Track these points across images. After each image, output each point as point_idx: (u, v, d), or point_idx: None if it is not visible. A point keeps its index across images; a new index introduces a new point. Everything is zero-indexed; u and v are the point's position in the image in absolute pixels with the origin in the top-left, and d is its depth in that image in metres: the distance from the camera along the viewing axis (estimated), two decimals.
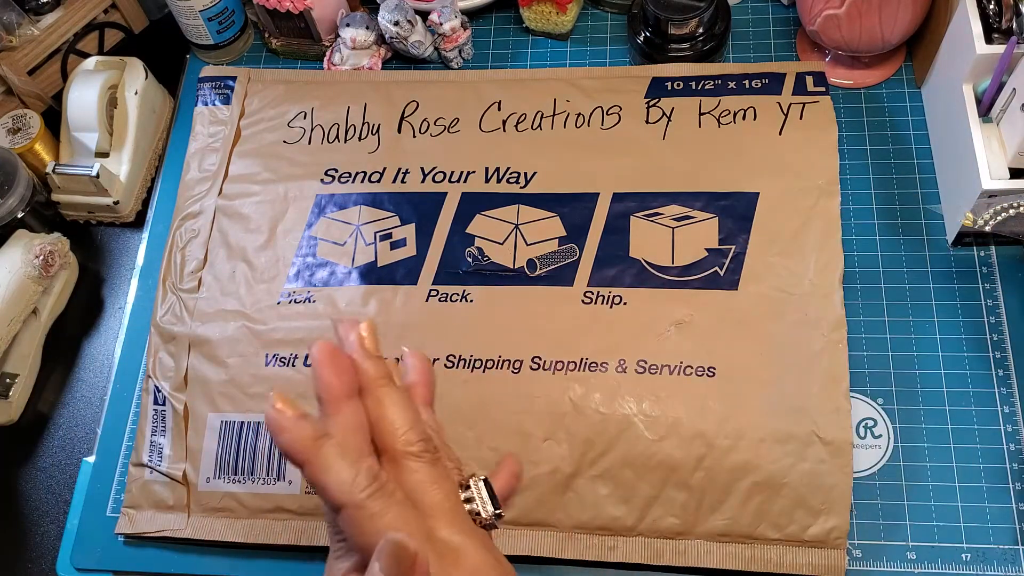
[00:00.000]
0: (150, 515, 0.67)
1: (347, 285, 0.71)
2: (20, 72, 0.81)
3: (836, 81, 0.78)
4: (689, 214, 0.70)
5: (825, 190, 0.70)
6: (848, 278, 0.70)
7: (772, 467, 0.61)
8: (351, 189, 0.75)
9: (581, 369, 0.65)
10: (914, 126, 0.76)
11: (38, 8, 0.81)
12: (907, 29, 0.73)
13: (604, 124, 0.75)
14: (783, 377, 0.64)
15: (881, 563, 0.62)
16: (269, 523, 0.66)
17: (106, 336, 0.77)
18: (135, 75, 0.81)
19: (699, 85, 0.76)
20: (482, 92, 0.78)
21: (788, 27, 0.82)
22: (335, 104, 0.79)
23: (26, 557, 0.70)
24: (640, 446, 0.63)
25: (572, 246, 0.70)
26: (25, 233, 0.76)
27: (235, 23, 0.85)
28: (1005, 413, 0.65)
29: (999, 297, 0.69)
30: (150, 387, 0.70)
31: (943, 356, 0.67)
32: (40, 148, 0.80)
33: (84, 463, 0.72)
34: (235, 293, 0.72)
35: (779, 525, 0.61)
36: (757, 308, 0.66)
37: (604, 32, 0.84)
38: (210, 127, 0.80)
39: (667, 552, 0.62)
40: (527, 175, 0.74)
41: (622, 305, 0.67)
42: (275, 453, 0.66)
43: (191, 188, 0.77)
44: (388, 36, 0.81)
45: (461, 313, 0.68)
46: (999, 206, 0.65)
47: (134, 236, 0.81)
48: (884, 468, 0.64)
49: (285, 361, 0.68)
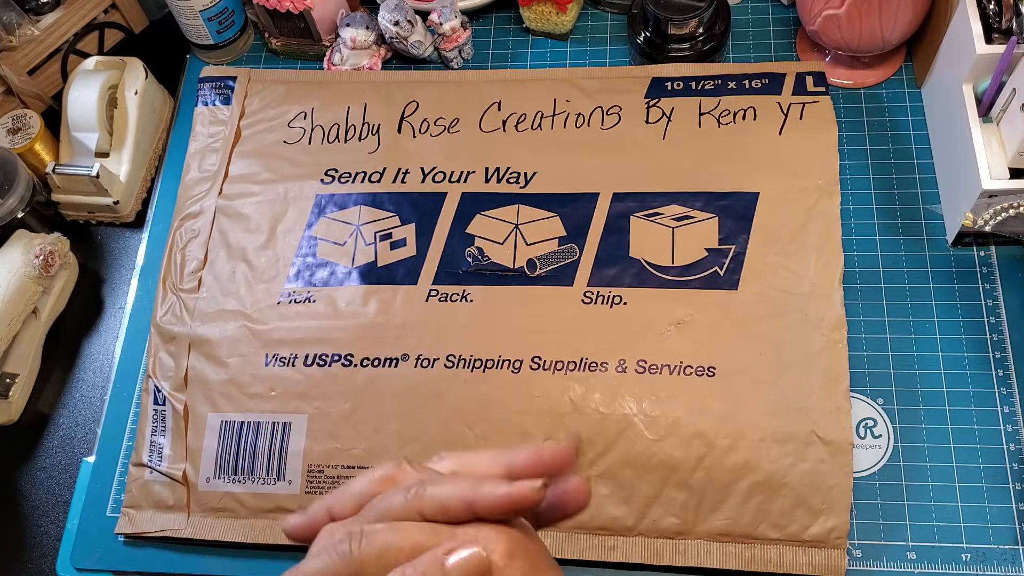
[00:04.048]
0: (150, 515, 0.67)
1: (347, 285, 0.71)
2: (20, 72, 0.81)
3: (836, 81, 0.78)
4: (689, 214, 0.70)
5: (825, 190, 0.70)
6: (848, 278, 0.70)
7: (772, 467, 0.61)
8: (351, 189, 0.75)
9: (581, 369, 0.65)
10: (914, 126, 0.76)
11: (38, 8, 0.81)
12: (907, 29, 0.73)
13: (604, 124, 0.75)
14: (783, 377, 0.64)
15: (881, 563, 0.62)
16: (269, 523, 0.66)
17: (106, 336, 0.77)
18: (135, 75, 0.81)
19: (699, 85, 0.76)
20: (482, 92, 0.78)
21: (788, 27, 0.82)
22: (335, 104, 0.79)
23: (26, 557, 0.70)
24: (640, 446, 0.63)
25: (572, 246, 0.70)
26: (25, 233, 0.76)
27: (235, 23, 0.85)
28: (1005, 413, 0.65)
29: (999, 297, 0.69)
30: (150, 387, 0.70)
31: (943, 356, 0.67)
32: (40, 148, 0.80)
33: (84, 463, 0.72)
34: (235, 293, 0.72)
35: (779, 525, 0.61)
36: (757, 308, 0.66)
37: (604, 32, 0.84)
38: (210, 127, 0.80)
39: (667, 552, 0.62)
40: (527, 175, 0.74)
41: (622, 305, 0.67)
42: (275, 453, 0.66)
43: (191, 188, 0.77)
44: (388, 36, 0.81)
45: (461, 313, 0.68)
46: (999, 206, 0.65)
47: (134, 236, 0.81)
48: (884, 468, 0.64)
49: (285, 361, 0.68)
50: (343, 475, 0.65)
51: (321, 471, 0.65)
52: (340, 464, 0.65)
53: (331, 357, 0.68)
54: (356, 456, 0.65)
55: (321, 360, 0.68)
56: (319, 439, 0.66)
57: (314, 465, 0.66)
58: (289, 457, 0.66)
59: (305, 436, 0.66)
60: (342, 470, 0.65)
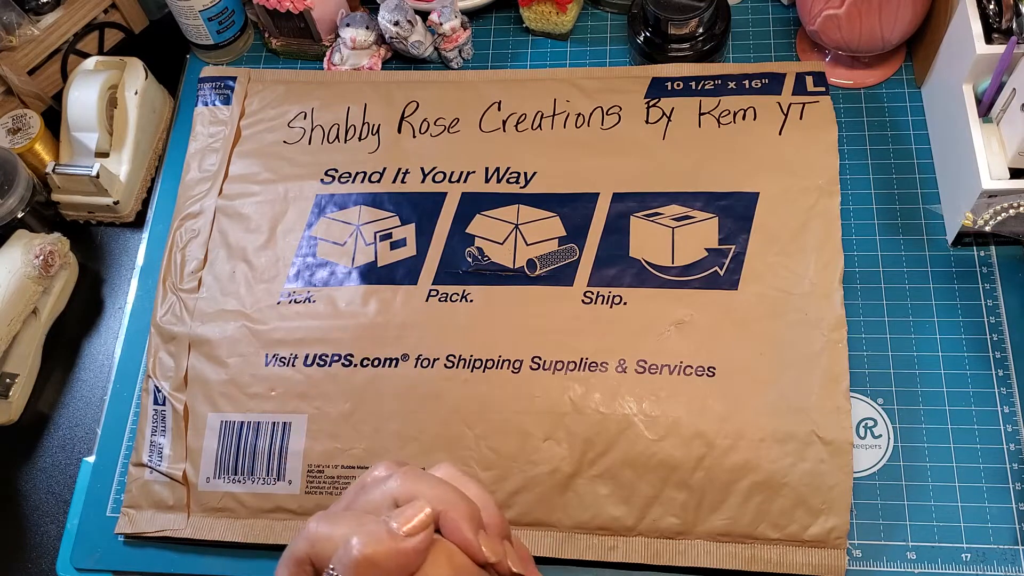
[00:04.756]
0: (150, 515, 0.67)
1: (347, 285, 0.71)
2: (20, 72, 0.81)
3: (836, 81, 0.78)
4: (689, 214, 0.70)
5: (825, 190, 0.70)
6: (848, 278, 0.70)
7: (772, 467, 0.61)
8: (351, 189, 0.75)
9: (581, 369, 0.65)
10: (914, 126, 0.76)
11: (38, 8, 0.81)
12: (907, 29, 0.73)
13: (604, 124, 0.75)
14: (783, 377, 0.64)
15: (881, 563, 0.62)
16: (269, 523, 0.66)
17: (106, 336, 0.77)
18: (135, 75, 0.81)
19: (699, 85, 0.76)
20: (482, 92, 0.78)
21: (788, 27, 0.82)
22: (335, 104, 0.79)
23: (26, 557, 0.70)
24: (640, 446, 0.63)
25: (572, 246, 0.70)
26: (25, 233, 0.76)
27: (235, 23, 0.85)
28: (1005, 413, 0.65)
29: (999, 297, 0.69)
30: (150, 387, 0.70)
31: (943, 356, 0.67)
32: (40, 148, 0.80)
33: (84, 463, 0.72)
34: (235, 293, 0.72)
35: (779, 525, 0.61)
36: (757, 308, 0.66)
37: (604, 32, 0.84)
38: (210, 127, 0.80)
39: (667, 552, 0.62)
40: (527, 175, 0.74)
41: (622, 305, 0.67)
42: (275, 453, 0.66)
43: (191, 188, 0.77)
44: (388, 36, 0.81)
45: (461, 313, 0.68)
46: (999, 206, 0.65)
47: (134, 236, 0.81)
48: (884, 468, 0.64)
49: (285, 361, 0.68)
50: (343, 475, 0.65)
51: (321, 471, 0.65)
52: (340, 464, 0.65)
53: (331, 357, 0.68)
54: (356, 456, 0.65)
55: (321, 360, 0.68)
56: (319, 439, 0.66)
57: (314, 465, 0.66)
58: (289, 457, 0.66)
59: (305, 436, 0.66)
60: (342, 470, 0.65)
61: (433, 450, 0.65)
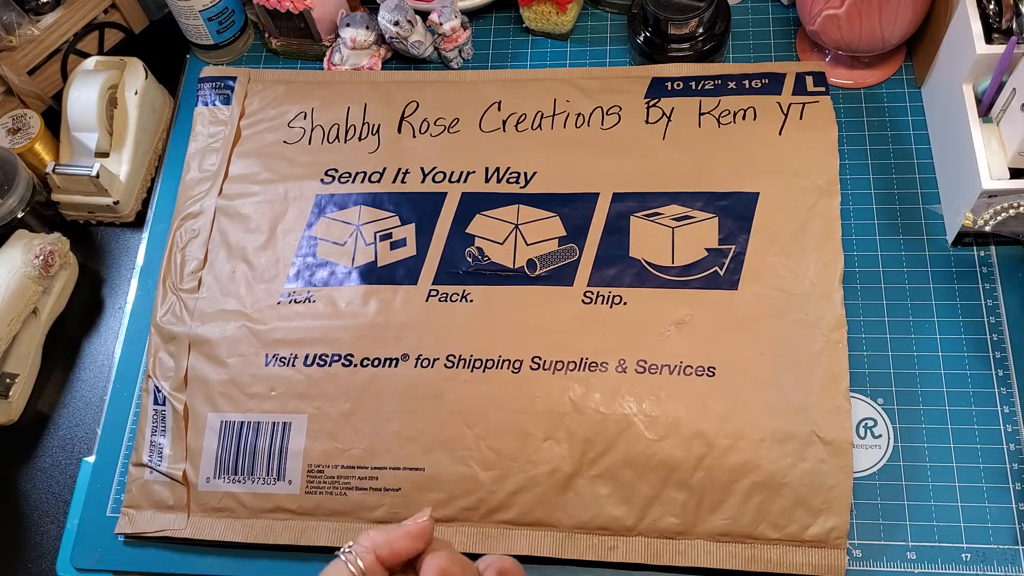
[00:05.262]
0: (150, 515, 0.67)
1: (347, 285, 0.71)
2: (20, 72, 0.81)
3: (836, 81, 0.78)
4: (689, 214, 0.70)
5: (825, 190, 0.70)
6: (848, 278, 0.70)
7: (772, 467, 0.61)
8: (351, 189, 0.75)
9: (581, 369, 0.65)
10: (914, 126, 0.76)
11: (38, 8, 0.81)
12: (907, 29, 0.73)
13: (604, 124, 0.75)
14: (783, 377, 0.64)
15: (881, 563, 0.62)
16: (269, 523, 0.66)
17: (106, 336, 0.77)
18: (135, 75, 0.82)
19: (699, 85, 0.76)
20: (482, 92, 0.78)
21: (788, 27, 0.82)
22: (335, 104, 0.79)
23: (26, 557, 0.70)
24: (640, 446, 0.63)
25: (572, 246, 0.70)
26: (25, 233, 0.76)
27: (235, 23, 0.85)
28: (1005, 413, 0.65)
29: (999, 297, 0.69)
30: (150, 387, 0.70)
31: (943, 356, 0.67)
32: (40, 148, 0.80)
33: (84, 463, 0.72)
34: (235, 293, 0.72)
35: (779, 525, 0.61)
36: (757, 308, 0.66)
37: (604, 32, 0.84)
38: (210, 127, 0.80)
39: (667, 552, 0.62)
40: (527, 175, 0.74)
41: (622, 305, 0.67)
42: (275, 453, 0.66)
43: (191, 188, 0.77)
44: (388, 36, 0.81)
45: (461, 313, 0.68)
46: (999, 206, 0.65)
47: (134, 236, 0.81)
48: (884, 468, 0.64)
49: (285, 361, 0.68)
50: (343, 475, 0.65)
51: (321, 471, 0.65)
52: (340, 464, 0.65)
53: (331, 357, 0.68)
54: (356, 456, 0.65)
55: (321, 360, 0.68)
56: (319, 439, 0.66)
57: (314, 465, 0.66)
58: (289, 457, 0.66)
59: (305, 436, 0.66)
60: (342, 470, 0.65)
61: (433, 450, 0.65)
